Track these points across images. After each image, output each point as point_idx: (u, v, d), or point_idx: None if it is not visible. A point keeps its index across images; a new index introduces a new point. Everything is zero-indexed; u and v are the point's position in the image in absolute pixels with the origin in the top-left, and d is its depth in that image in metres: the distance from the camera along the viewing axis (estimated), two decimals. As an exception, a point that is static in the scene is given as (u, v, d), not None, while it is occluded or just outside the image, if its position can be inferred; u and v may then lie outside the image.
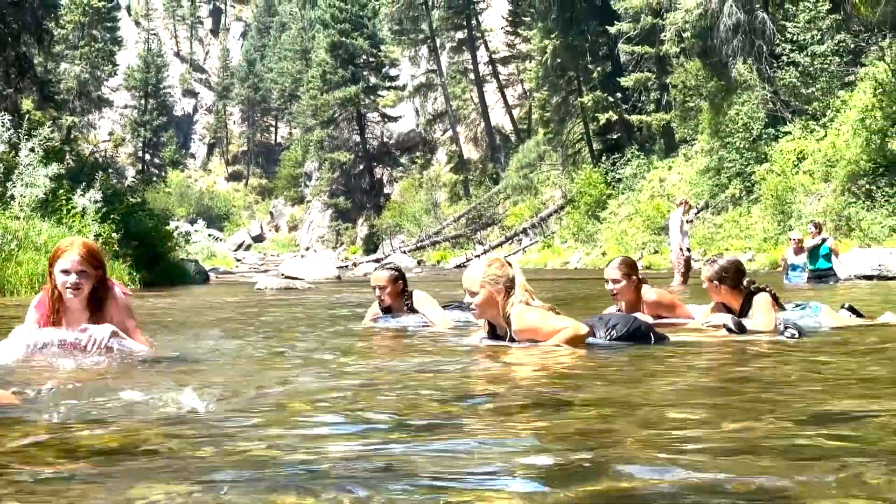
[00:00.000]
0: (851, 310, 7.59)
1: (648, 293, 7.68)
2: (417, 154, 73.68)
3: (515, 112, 65.56)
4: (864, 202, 29.49)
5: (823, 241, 18.52)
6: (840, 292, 13.90)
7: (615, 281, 7.66)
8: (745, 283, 7.11)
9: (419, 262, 49.39)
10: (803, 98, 34.93)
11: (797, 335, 6.08)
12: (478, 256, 48.93)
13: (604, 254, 40.13)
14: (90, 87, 65.63)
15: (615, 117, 46.16)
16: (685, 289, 16.57)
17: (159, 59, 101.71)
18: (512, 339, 5.68)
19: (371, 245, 65.93)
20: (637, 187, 43.59)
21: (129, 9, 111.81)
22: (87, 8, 70.74)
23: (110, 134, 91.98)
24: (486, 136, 65.49)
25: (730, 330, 6.42)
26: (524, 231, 50.44)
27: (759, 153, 35.39)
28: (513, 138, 63.89)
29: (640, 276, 7.78)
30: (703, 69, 39.81)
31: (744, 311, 6.95)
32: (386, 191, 73.08)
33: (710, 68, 39.14)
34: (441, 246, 56.05)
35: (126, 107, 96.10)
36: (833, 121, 33.67)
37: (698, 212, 37.23)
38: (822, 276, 18.04)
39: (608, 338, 5.88)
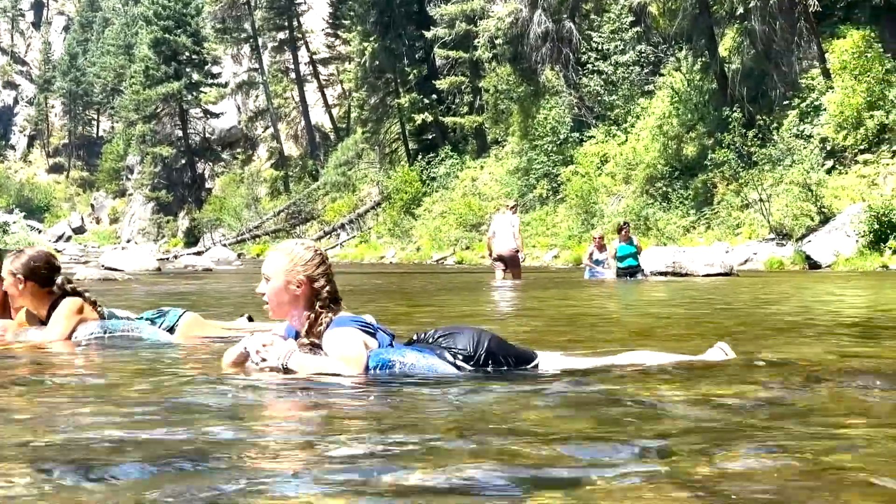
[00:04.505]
0: (250, 319, 6.52)
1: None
2: (239, 150, 72.27)
3: (335, 111, 64.96)
4: (660, 203, 29.77)
5: (630, 240, 18.33)
6: (633, 288, 13.51)
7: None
8: (59, 282, 5.53)
9: (239, 256, 47.93)
10: (606, 104, 35.23)
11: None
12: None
13: (418, 249, 39.71)
14: None
15: (430, 118, 45.87)
16: (520, 283, 16.23)
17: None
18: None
19: (192, 238, 64.15)
20: (450, 186, 43.29)
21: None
22: None
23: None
24: (306, 134, 64.49)
25: None
26: (342, 226, 49.81)
27: (565, 155, 35.49)
28: (332, 136, 63.29)
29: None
30: (513, 74, 39.83)
31: (49, 318, 5.47)
32: (207, 185, 71.25)
33: (520, 74, 39.18)
34: (261, 240, 54.75)
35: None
36: (633, 126, 34.03)
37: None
38: (630, 273, 17.99)
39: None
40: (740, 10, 27.68)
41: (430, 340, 4.15)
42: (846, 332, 6.45)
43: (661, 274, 18.00)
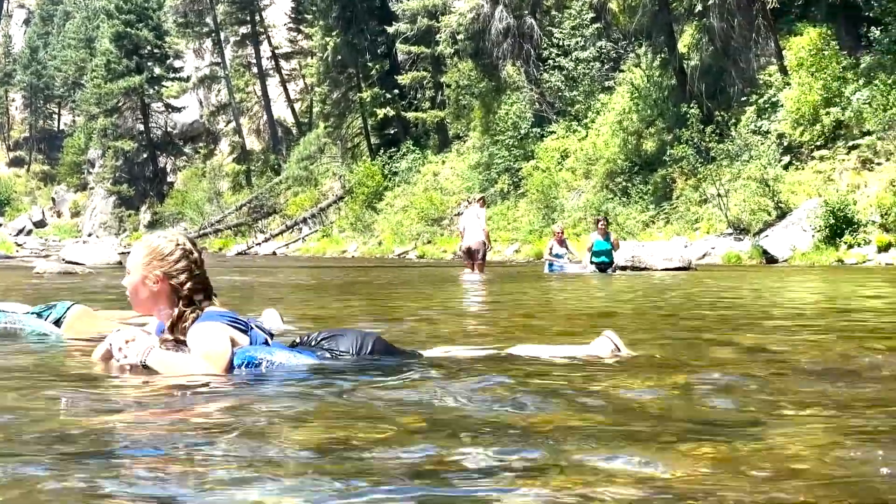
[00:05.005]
0: None
1: None
2: (201, 144, 71.64)
3: (297, 105, 64.50)
4: (620, 198, 29.80)
5: (607, 235, 18.32)
6: (602, 282, 13.45)
7: None
8: None
9: (201, 250, 47.36)
10: (567, 100, 35.25)
11: None
12: (259, 244, 47.66)
13: (380, 243, 39.54)
14: None
15: (392, 113, 45.79)
16: (484, 276, 16.21)
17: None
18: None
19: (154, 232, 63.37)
20: (412, 180, 43.18)
21: None
22: None
23: None
24: (268, 128, 64.04)
25: None
26: (304, 220, 49.42)
27: (526, 151, 35.46)
28: (294, 131, 62.83)
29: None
30: (475, 70, 39.75)
31: None
32: (169, 179, 70.52)
33: (481, 69, 39.12)
34: (223, 234, 54.28)
35: None
36: (594, 122, 34.05)
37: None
38: (602, 269, 17.93)
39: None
40: (699, 7, 27.75)
41: (313, 343, 3.97)
42: (785, 323, 6.48)
43: (622, 268, 17.96)
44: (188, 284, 3.84)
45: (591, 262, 18.21)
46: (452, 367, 3.92)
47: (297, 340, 4.07)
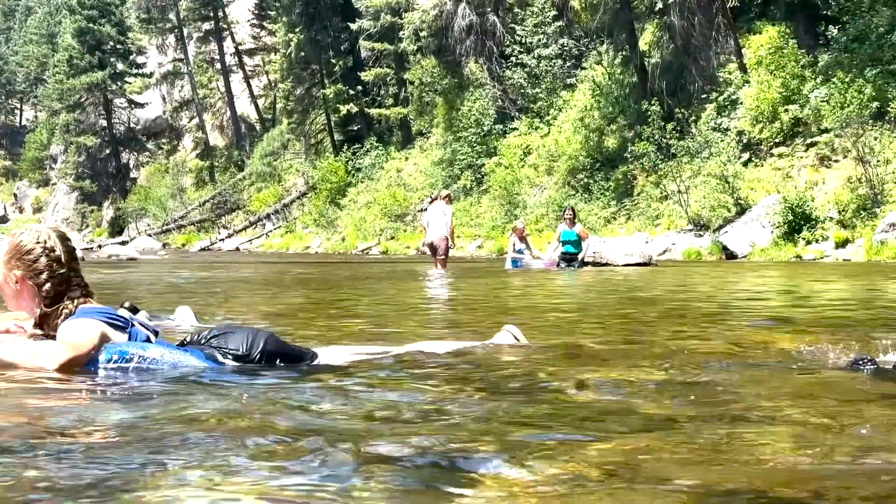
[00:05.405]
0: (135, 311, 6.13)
1: None
2: (164, 140, 70.96)
3: (260, 102, 64.04)
4: (582, 195, 29.80)
5: (574, 225, 18.27)
6: (556, 278, 13.38)
7: None
8: None
9: (164, 246, 47.12)
10: (529, 97, 35.24)
11: None
12: (222, 240, 47.34)
13: (343, 239, 39.37)
14: None
15: (356, 109, 45.63)
16: (447, 272, 16.17)
17: None
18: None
19: (117, 228, 62.81)
20: (376, 177, 43.01)
21: None
22: None
23: None
24: (231, 124, 63.55)
25: None
26: (268, 216, 49.13)
27: (489, 147, 35.41)
28: (258, 127, 62.37)
29: None
30: (438, 66, 39.64)
31: None
32: (132, 175, 69.87)
33: (444, 66, 39.04)
34: (186, 230, 53.89)
35: None
36: (556, 119, 34.04)
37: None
38: (568, 260, 17.83)
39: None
40: (660, 5, 27.79)
41: (202, 341, 3.77)
42: (725, 316, 6.55)
43: (584, 264, 17.88)
44: (47, 285, 3.64)
45: (561, 252, 18.09)
46: (345, 367, 3.81)
47: (187, 339, 3.88)
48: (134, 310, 4.97)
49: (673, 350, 4.43)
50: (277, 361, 3.73)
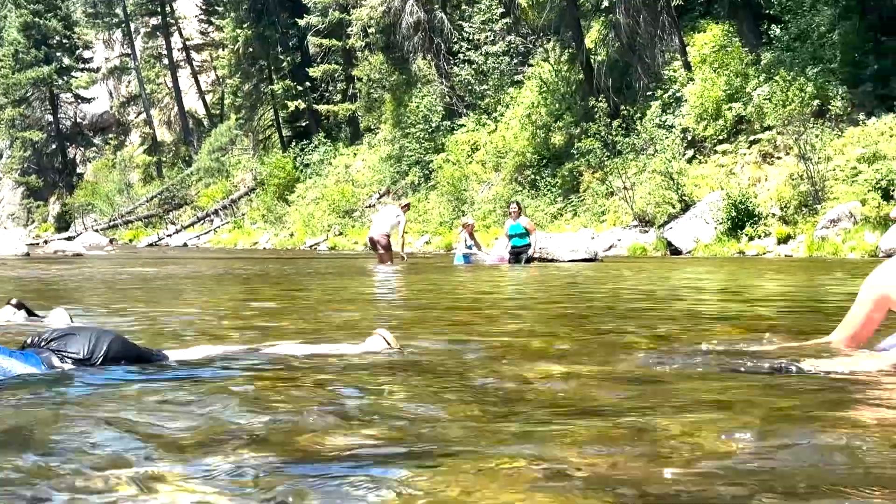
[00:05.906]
0: (23, 308, 5.87)
1: None
2: (111, 135, 70.00)
3: (208, 97, 63.49)
4: (529, 191, 29.76)
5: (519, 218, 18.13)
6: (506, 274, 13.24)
7: None
8: None
9: (111, 241, 46.46)
10: (477, 94, 35.17)
11: None
12: (170, 236, 46.77)
13: (292, 235, 39.06)
14: None
15: (304, 105, 45.17)
16: (390, 267, 16.17)
17: None
18: None
19: (63, 223, 61.89)
20: (324, 172, 42.71)
21: None
22: None
23: None
24: (179, 120, 62.85)
25: None
26: (216, 212, 48.63)
27: (437, 143, 35.28)
28: (205, 122, 61.82)
29: None
30: (386, 63, 39.48)
31: None
32: (79, 170, 68.87)
33: (392, 63, 38.90)
34: (134, 225, 53.25)
35: None
36: (503, 115, 33.97)
37: (380, 197, 36.86)
38: (517, 254, 17.70)
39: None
40: (605, 3, 27.77)
41: (42, 344, 3.56)
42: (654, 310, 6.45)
43: (530, 260, 17.75)
44: None
45: (511, 247, 17.95)
46: (196, 368, 3.67)
47: (28, 342, 3.65)
48: (20, 306, 4.69)
49: (606, 345, 4.39)
50: (123, 363, 3.53)
